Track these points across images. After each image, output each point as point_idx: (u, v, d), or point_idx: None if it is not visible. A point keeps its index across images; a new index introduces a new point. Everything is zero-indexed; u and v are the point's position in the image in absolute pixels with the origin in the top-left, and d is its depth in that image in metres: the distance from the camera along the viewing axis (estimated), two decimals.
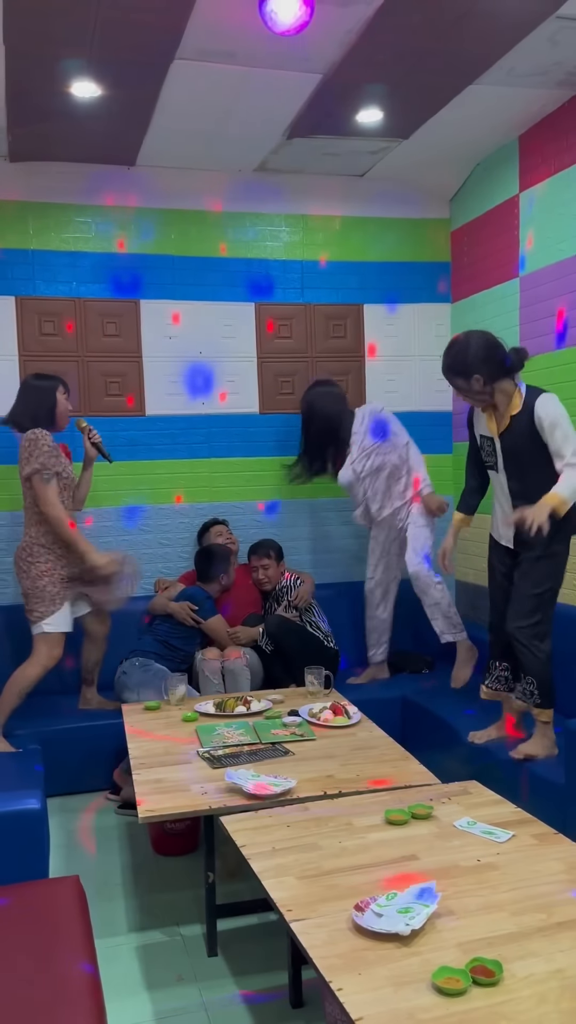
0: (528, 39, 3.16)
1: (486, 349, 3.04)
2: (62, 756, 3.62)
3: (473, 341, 3.05)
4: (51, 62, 3.22)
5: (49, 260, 4.30)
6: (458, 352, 3.05)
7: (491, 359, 3.02)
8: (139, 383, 4.45)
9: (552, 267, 3.86)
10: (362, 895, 1.84)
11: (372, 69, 3.36)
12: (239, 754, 2.84)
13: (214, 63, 3.27)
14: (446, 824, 2.22)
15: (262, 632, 4.05)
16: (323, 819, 2.27)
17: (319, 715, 3.19)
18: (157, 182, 4.40)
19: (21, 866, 2.48)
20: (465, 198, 4.63)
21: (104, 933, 2.62)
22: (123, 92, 3.49)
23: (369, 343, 4.74)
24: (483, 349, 3.03)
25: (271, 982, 2.40)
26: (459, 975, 1.54)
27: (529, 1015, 1.45)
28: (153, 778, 2.67)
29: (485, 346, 3.04)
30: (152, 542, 4.52)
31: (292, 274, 4.63)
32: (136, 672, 3.76)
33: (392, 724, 3.55)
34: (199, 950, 2.58)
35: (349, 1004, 1.49)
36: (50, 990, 1.77)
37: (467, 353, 3.02)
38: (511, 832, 2.15)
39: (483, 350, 3.03)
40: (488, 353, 3.03)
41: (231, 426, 4.58)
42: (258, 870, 1.99)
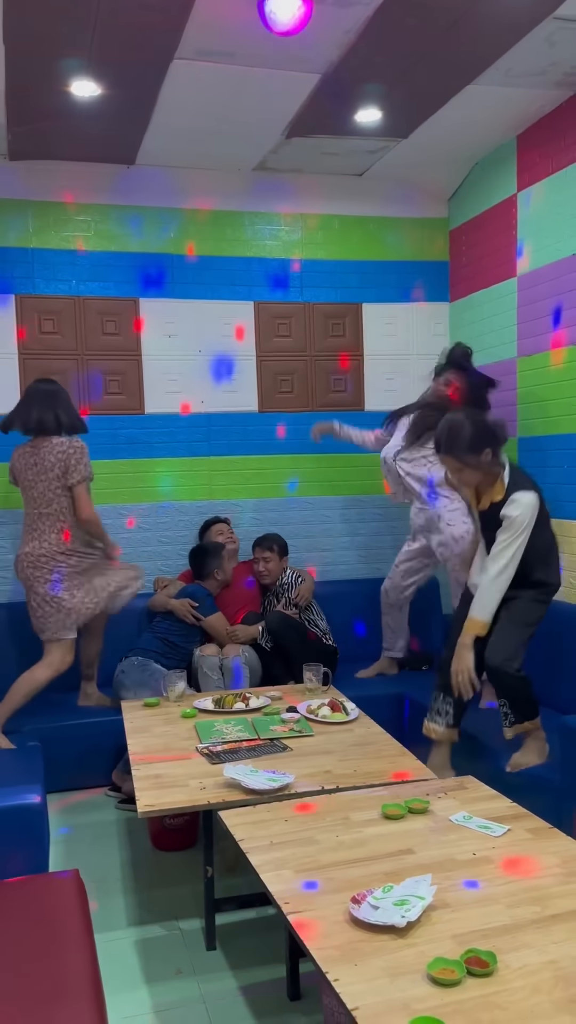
0: (526, 40, 3.18)
1: (485, 423, 3.03)
2: (62, 753, 3.64)
3: (472, 420, 3.02)
4: (51, 61, 3.23)
5: (48, 258, 4.32)
6: (465, 430, 2.97)
7: (491, 431, 3.01)
8: (138, 381, 4.47)
9: (550, 266, 3.88)
10: (359, 888, 1.86)
11: (371, 69, 3.37)
12: (238, 750, 2.86)
13: (213, 63, 3.29)
14: (442, 819, 2.23)
15: (262, 630, 4.06)
16: (321, 814, 2.29)
17: (317, 711, 3.21)
18: (156, 181, 4.42)
19: (21, 860, 2.50)
20: (463, 198, 4.65)
21: (103, 927, 2.65)
22: (122, 91, 3.50)
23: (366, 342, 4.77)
24: (483, 423, 3.02)
25: (269, 975, 2.42)
26: (454, 966, 1.56)
27: (522, 1005, 1.47)
28: (152, 773, 2.69)
29: (482, 421, 3.04)
30: (151, 540, 4.54)
31: (291, 273, 4.65)
32: (134, 672, 3.78)
33: (390, 721, 3.57)
34: (198, 944, 2.61)
35: (345, 994, 1.51)
36: (50, 983, 1.78)
37: (473, 429, 2.97)
38: (507, 827, 2.16)
39: (484, 424, 3.02)
40: (488, 426, 3.02)
41: (230, 424, 4.60)
42: (256, 864, 2.01)
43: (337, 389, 4.73)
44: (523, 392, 4.13)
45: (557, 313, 3.85)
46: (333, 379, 4.72)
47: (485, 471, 3.01)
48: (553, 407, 3.90)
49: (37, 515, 3.65)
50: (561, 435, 3.85)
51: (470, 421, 3.01)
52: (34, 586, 3.62)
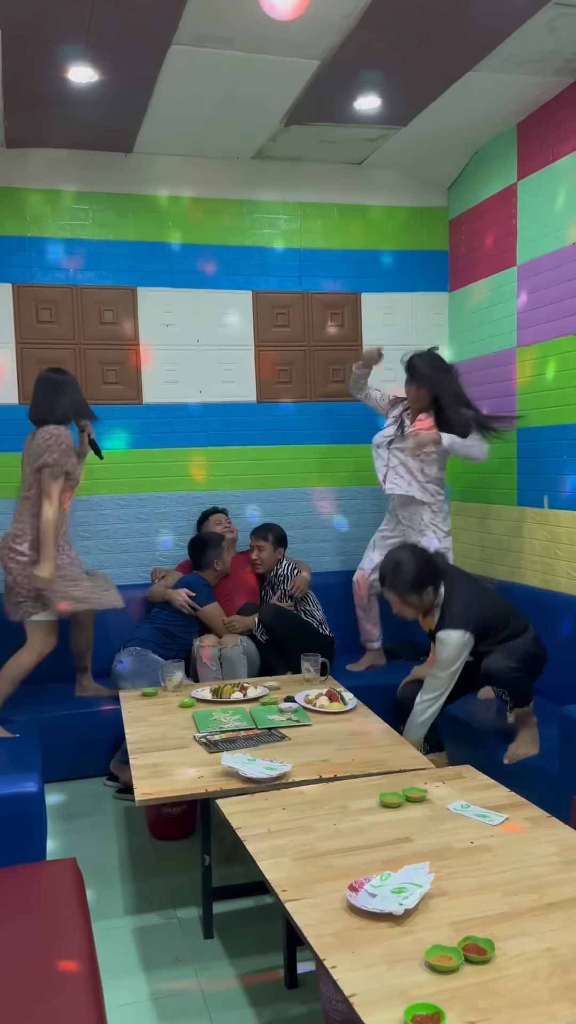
0: (526, 26, 3.15)
1: (426, 563, 3.12)
2: (59, 743, 3.64)
3: (416, 555, 3.13)
4: (48, 47, 3.21)
5: (46, 247, 4.30)
6: (406, 568, 3.07)
7: (430, 569, 3.11)
8: (136, 371, 4.45)
9: (550, 255, 3.86)
10: (357, 876, 1.85)
11: (370, 55, 3.35)
12: (235, 739, 2.86)
13: (212, 48, 3.26)
14: (440, 807, 2.23)
15: (257, 621, 4.06)
16: (318, 802, 2.29)
17: (315, 701, 3.21)
18: (154, 169, 4.39)
19: (19, 849, 2.49)
20: (463, 186, 4.63)
21: (101, 916, 2.65)
22: (120, 78, 3.48)
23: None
24: (425, 562, 3.12)
25: (266, 963, 2.43)
26: (451, 953, 1.55)
27: (520, 992, 1.47)
28: (150, 762, 2.69)
29: (424, 560, 3.13)
30: (149, 530, 4.53)
31: (290, 262, 4.63)
32: (132, 662, 3.77)
33: (387, 711, 3.56)
34: (195, 932, 2.61)
35: (343, 981, 1.50)
36: (48, 971, 1.78)
37: (415, 567, 3.07)
38: (504, 815, 2.16)
39: (425, 563, 3.11)
40: (430, 565, 3.12)
41: (229, 415, 4.59)
42: (253, 852, 2.01)
43: (336, 379, 4.71)
44: (522, 382, 4.12)
45: (557, 303, 3.83)
46: (332, 369, 4.70)
47: (425, 608, 3.12)
48: (552, 397, 3.89)
49: (22, 499, 3.69)
50: (560, 426, 3.84)
51: (414, 560, 3.10)
52: (8, 567, 3.62)
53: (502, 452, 4.29)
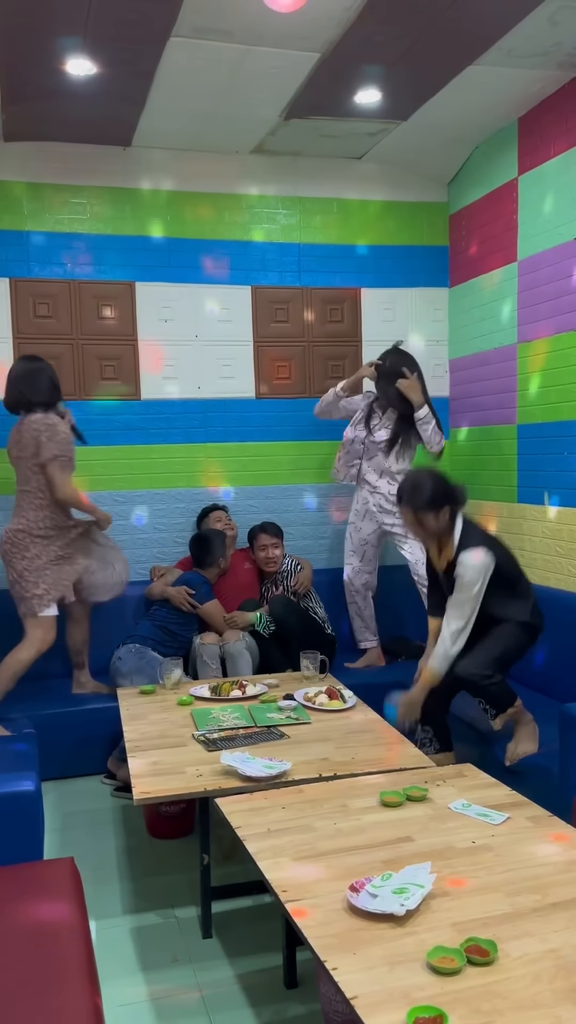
0: (528, 19, 3.13)
1: (445, 484, 3.07)
2: (57, 740, 3.62)
3: (434, 476, 3.09)
4: (46, 39, 3.18)
5: (43, 241, 4.27)
6: (416, 486, 3.04)
7: (451, 491, 3.06)
8: (134, 367, 4.42)
9: (551, 251, 3.84)
10: (357, 876, 1.84)
11: (371, 49, 3.32)
12: (234, 737, 2.84)
13: (211, 41, 3.24)
14: (441, 806, 2.22)
15: (259, 616, 4.04)
16: (318, 801, 2.27)
17: (314, 699, 3.19)
18: (153, 163, 4.36)
19: (16, 848, 2.47)
20: (463, 181, 4.60)
21: (99, 915, 2.63)
22: (119, 70, 3.45)
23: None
24: (441, 482, 3.07)
25: (266, 963, 2.41)
26: (454, 954, 1.54)
27: (523, 994, 1.45)
28: (148, 761, 2.67)
29: (443, 481, 3.08)
30: (147, 527, 4.51)
31: (289, 257, 4.60)
32: (130, 659, 3.75)
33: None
34: (194, 932, 2.59)
35: (344, 983, 1.49)
36: (45, 971, 1.76)
37: (433, 488, 3.03)
38: (506, 814, 2.15)
39: (441, 483, 3.07)
40: (448, 487, 3.07)
41: (227, 411, 4.56)
42: (253, 851, 1.99)
43: (335, 375, 4.69)
44: (523, 378, 4.10)
45: (558, 298, 3.81)
46: (331, 365, 4.68)
47: (437, 531, 3.06)
48: (553, 394, 3.87)
49: (20, 493, 3.66)
50: (561, 422, 3.82)
51: (432, 480, 3.06)
52: (12, 561, 3.61)
53: (502, 449, 4.28)
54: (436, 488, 3.03)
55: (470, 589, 3.00)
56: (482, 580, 3.01)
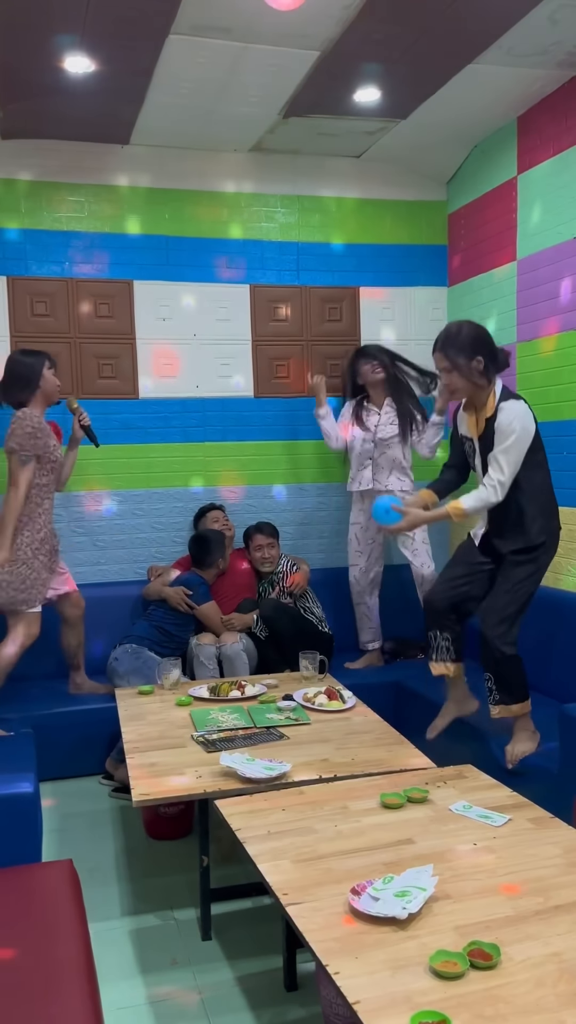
0: (528, 18, 3.12)
1: (485, 335, 3.05)
2: (54, 740, 3.60)
3: (474, 325, 3.07)
4: (44, 36, 3.16)
5: (41, 240, 4.25)
6: (457, 332, 3.02)
7: (490, 345, 3.03)
8: (132, 365, 4.41)
9: (550, 250, 3.83)
10: (358, 879, 1.83)
11: (370, 47, 3.31)
12: (234, 738, 2.83)
13: (210, 38, 3.22)
14: (442, 808, 2.21)
15: (256, 618, 4.03)
16: (318, 803, 2.26)
17: (314, 699, 3.18)
18: (151, 161, 4.34)
19: (14, 850, 2.46)
20: (462, 180, 4.59)
21: (97, 917, 2.61)
22: (117, 68, 3.43)
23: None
24: (482, 334, 3.05)
25: (265, 966, 2.40)
26: (457, 958, 1.53)
27: (527, 998, 1.44)
28: (147, 762, 2.65)
29: (483, 332, 3.06)
30: (145, 526, 4.49)
31: (288, 256, 4.59)
32: (127, 659, 3.74)
33: (386, 709, 3.54)
34: (193, 934, 2.58)
35: (346, 987, 1.47)
36: (44, 974, 1.75)
37: (471, 334, 3.01)
38: (507, 816, 2.14)
39: (482, 335, 3.04)
40: (487, 339, 3.04)
41: (226, 410, 4.55)
42: (253, 854, 1.98)
43: (334, 374, 4.67)
44: (522, 378, 4.09)
45: (557, 298, 3.80)
46: (330, 364, 4.67)
47: (471, 380, 2.99)
48: (553, 393, 3.86)
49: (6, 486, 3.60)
50: (561, 421, 3.81)
51: (471, 326, 3.04)
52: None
53: None
54: (474, 335, 2.99)
55: (511, 435, 2.90)
56: (523, 429, 2.92)
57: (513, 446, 2.92)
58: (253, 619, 4.03)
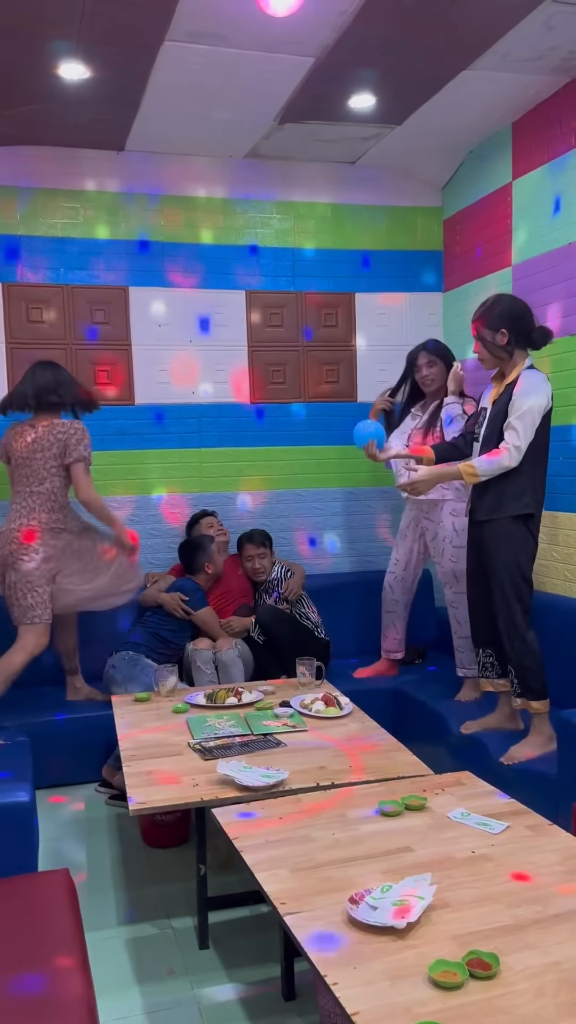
0: (523, 23, 3.12)
1: (519, 311, 3.11)
2: (50, 748, 3.59)
3: (509, 300, 3.15)
4: (39, 43, 3.16)
5: (36, 246, 4.24)
6: (493, 304, 3.11)
7: (520, 322, 3.08)
8: (128, 372, 4.40)
9: (545, 256, 3.84)
10: (356, 888, 1.82)
11: (365, 53, 3.31)
12: (230, 745, 2.81)
13: (205, 45, 3.22)
14: (440, 815, 2.20)
15: (254, 622, 4.02)
16: (315, 811, 2.25)
17: (311, 706, 3.17)
18: (146, 167, 4.34)
19: (10, 860, 2.44)
20: (457, 186, 4.60)
21: (94, 926, 2.60)
22: (112, 74, 3.43)
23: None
24: (516, 310, 3.11)
25: (263, 975, 2.38)
26: (456, 968, 1.52)
27: (526, 1008, 1.43)
28: (144, 770, 2.64)
29: (519, 308, 3.12)
30: (141, 533, 4.47)
31: (283, 262, 4.59)
32: (124, 666, 3.72)
33: (383, 715, 3.53)
34: (190, 943, 2.56)
35: (345, 999, 1.46)
36: (40, 984, 1.74)
37: (500, 307, 3.09)
38: (505, 823, 2.13)
39: (516, 310, 3.10)
40: (519, 315, 3.10)
41: (221, 416, 4.54)
42: (251, 863, 1.97)
43: (329, 380, 4.68)
44: None
45: (553, 303, 3.80)
46: (325, 369, 4.67)
47: (493, 351, 3.10)
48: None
49: (28, 493, 3.62)
50: (557, 427, 3.80)
51: (508, 300, 3.13)
52: (16, 564, 3.56)
53: None
54: (505, 309, 3.07)
55: (527, 402, 2.96)
56: (540, 397, 2.99)
57: (527, 413, 2.98)
58: (251, 622, 4.01)
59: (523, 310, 3.13)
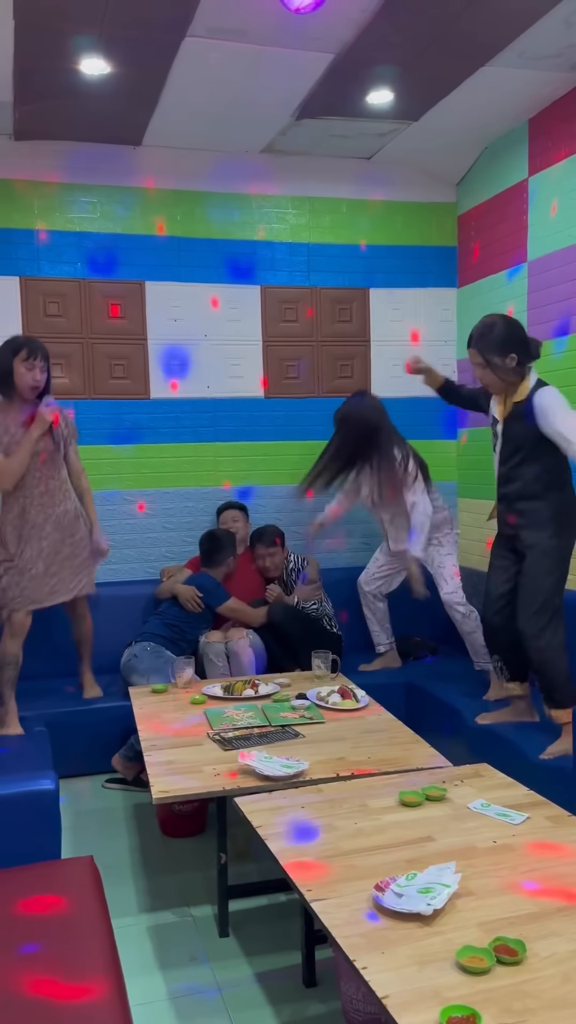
0: (542, 21, 3.13)
1: (519, 331, 3.11)
2: (67, 739, 3.61)
3: (504, 322, 3.11)
4: (61, 38, 3.18)
5: (54, 240, 4.26)
6: (497, 329, 3.08)
7: (523, 343, 3.08)
8: (144, 366, 4.43)
9: (561, 252, 3.85)
10: (381, 875, 1.85)
11: (384, 50, 3.33)
12: (249, 736, 2.84)
13: (225, 41, 3.24)
14: (460, 806, 2.23)
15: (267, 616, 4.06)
16: (337, 800, 2.28)
17: (327, 698, 3.20)
18: (163, 162, 4.36)
19: (35, 847, 2.48)
20: (472, 182, 4.61)
21: (115, 913, 2.60)
22: (132, 70, 3.45)
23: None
24: (516, 331, 3.10)
25: (284, 962, 2.42)
26: (483, 954, 1.55)
27: (554, 993, 1.46)
28: (164, 759, 2.67)
29: (517, 329, 3.11)
30: (157, 526, 4.51)
31: (298, 257, 4.60)
32: (147, 657, 3.75)
33: (397, 709, 3.55)
34: (211, 931, 2.60)
35: (375, 982, 1.49)
36: (71, 969, 1.77)
37: (506, 331, 3.07)
38: (525, 814, 2.16)
39: (517, 332, 3.10)
40: (522, 337, 3.10)
41: (236, 410, 4.57)
42: (276, 851, 2.00)
43: (343, 375, 4.70)
44: None
45: (569, 300, 3.81)
46: (340, 364, 4.69)
47: (504, 377, 3.08)
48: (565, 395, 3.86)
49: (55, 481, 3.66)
50: None
51: (504, 323, 3.09)
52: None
53: None
54: (508, 333, 3.06)
55: (556, 410, 2.97)
56: (565, 410, 2.99)
57: (560, 413, 2.98)
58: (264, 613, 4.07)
59: (521, 329, 3.12)
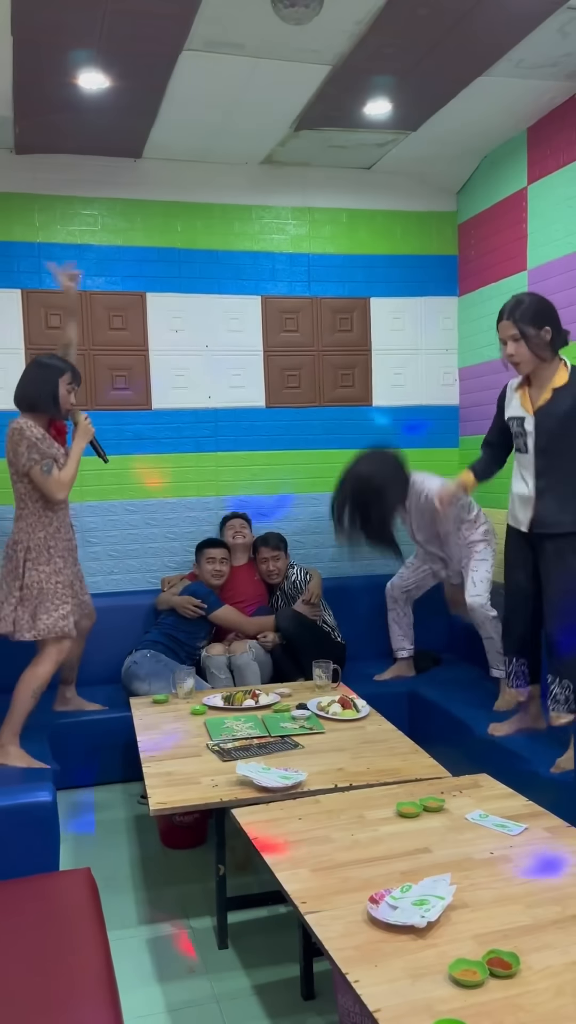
0: (538, 30, 3.14)
1: (552, 308, 3.05)
2: (67, 750, 3.61)
3: (536, 298, 3.06)
4: (59, 53, 3.20)
5: (55, 253, 4.28)
6: (534, 301, 3.01)
7: (556, 319, 3.03)
8: (145, 377, 4.44)
9: (561, 260, 3.85)
10: (376, 887, 1.84)
11: (381, 61, 3.34)
12: (249, 747, 2.84)
13: (223, 54, 3.26)
14: (458, 817, 2.21)
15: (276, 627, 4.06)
16: (335, 812, 2.27)
17: (328, 708, 3.19)
18: (163, 175, 4.39)
19: (33, 859, 2.47)
20: (472, 191, 4.62)
21: (114, 925, 2.60)
22: (131, 83, 3.47)
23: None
24: (549, 306, 3.04)
25: (282, 974, 2.41)
26: (476, 967, 1.54)
27: (547, 1007, 1.45)
28: (163, 771, 2.67)
29: (550, 305, 3.05)
30: (158, 536, 4.52)
31: (299, 267, 4.62)
32: (147, 663, 3.76)
33: (399, 719, 3.55)
34: (209, 942, 2.59)
35: (367, 996, 1.48)
36: (65, 982, 1.77)
37: (534, 304, 3.00)
38: (523, 825, 2.14)
39: (549, 307, 3.04)
40: (554, 313, 3.04)
41: (237, 420, 4.58)
42: (271, 863, 1.99)
43: (344, 384, 4.70)
44: None
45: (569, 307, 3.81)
46: (340, 374, 4.69)
47: (537, 351, 2.98)
48: None
49: (19, 506, 3.37)
50: None
51: (538, 298, 3.05)
52: (25, 576, 3.29)
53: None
54: (543, 306, 2.99)
55: None
56: None
57: None
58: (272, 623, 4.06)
59: (553, 307, 3.07)
